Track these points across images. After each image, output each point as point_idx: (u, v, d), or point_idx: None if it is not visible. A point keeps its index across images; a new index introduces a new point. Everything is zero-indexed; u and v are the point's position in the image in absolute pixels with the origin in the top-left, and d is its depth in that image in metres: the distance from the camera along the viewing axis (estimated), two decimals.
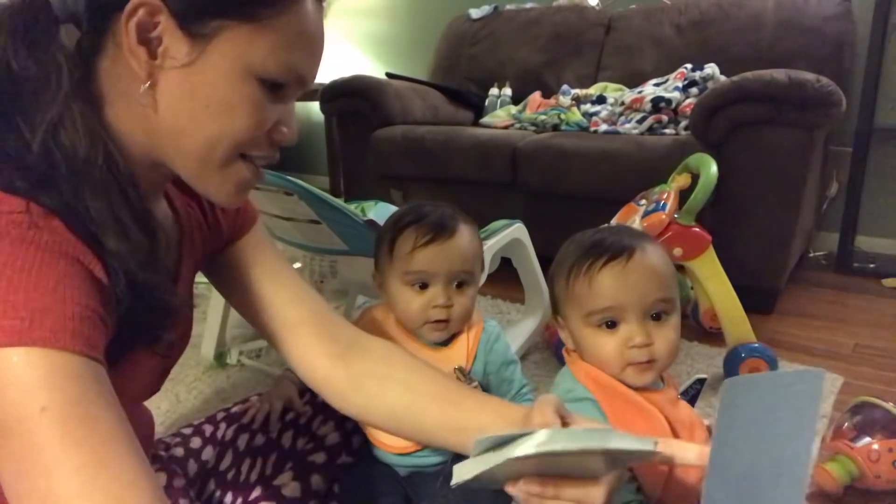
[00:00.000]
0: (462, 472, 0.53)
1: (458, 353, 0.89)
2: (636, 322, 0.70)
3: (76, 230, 0.49)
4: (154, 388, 0.72)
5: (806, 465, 0.50)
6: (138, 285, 0.53)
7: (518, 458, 0.50)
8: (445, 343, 0.90)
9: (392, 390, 0.69)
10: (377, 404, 0.69)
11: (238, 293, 0.75)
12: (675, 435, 0.70)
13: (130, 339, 0.56)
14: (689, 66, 2.19)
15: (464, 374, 0.86)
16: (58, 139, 0.51)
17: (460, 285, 0.88)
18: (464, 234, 0.88)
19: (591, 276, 0.71)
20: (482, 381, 0.89)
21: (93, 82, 0.54)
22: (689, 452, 0.53)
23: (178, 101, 0.54)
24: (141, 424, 0.78)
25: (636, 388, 0.71)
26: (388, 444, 0.86)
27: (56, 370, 0.44)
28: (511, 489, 0.54)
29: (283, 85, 0.57)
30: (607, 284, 0.70)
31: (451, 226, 0.87)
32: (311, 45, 0.58)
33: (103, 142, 0.53)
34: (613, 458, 0.52)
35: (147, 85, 0.53)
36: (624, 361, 0.70)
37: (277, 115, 0.59)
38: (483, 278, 0.97)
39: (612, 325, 0.71)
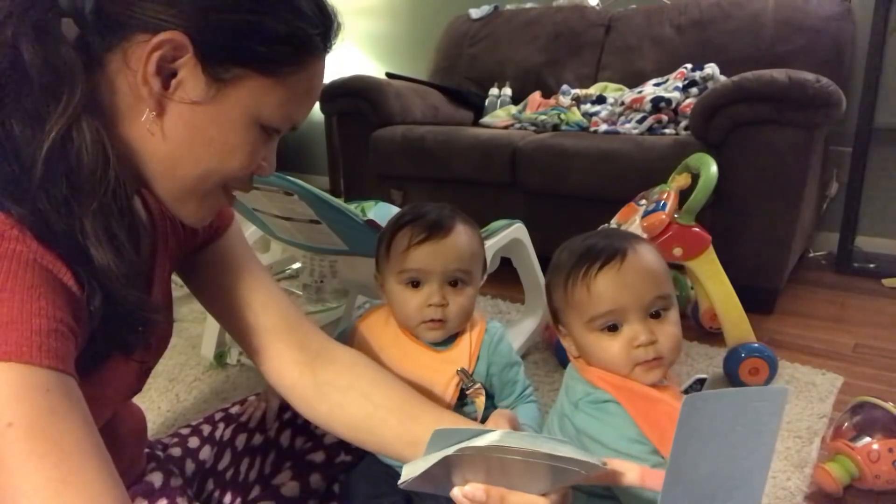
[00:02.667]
0: (411, 470, 0.52)
1: (461, 354, 0.88)
2: (637, 322, 0.70)
3: (48, 241, 0.47)
4: (137, 388, 0.71)
5: (762, 476, 0.51)
6: (116, 301, 0.52)
7: (468, 453, 0.50)
8: (447, 344, 0.89)
9: (353, 401, 0.69)
10: (339, 414, 0.70)
11: (210, 295, 0.75)
12: None
13: (105, 349, 0.55)
14: (689, 66, 2.19)
15: (466, 376, 0.85)
16: (65, 150, 0.49)
17: (456, 284, 0.87)
18: (460, 232, 0.87)
19: (589, 282, 0.71)
20: (485, 382, 0.88)
21: (96, 92, 0.53)
22: (632, 472, 0.55)
23: (180, 132, 0.55)
24: (130, 422, 0.78)
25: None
26: None
27: (23, 385, 0.43)
28: (456, 495, 0.54)
29: (279, 130, 0.60)
30: (605, 288, 0.71)
31: (447, 224, 0.86)
32: (314, 98, 0.61)
33: (107, 156, 0.51)
34: (560, 475, 0.53)
35: (154, 114, 0.54)
36: (631, 362, 0.70)
37: (265, 153, 0.61)
38: (483, 278, 0.97)
39: (614, 328, 0.71)
